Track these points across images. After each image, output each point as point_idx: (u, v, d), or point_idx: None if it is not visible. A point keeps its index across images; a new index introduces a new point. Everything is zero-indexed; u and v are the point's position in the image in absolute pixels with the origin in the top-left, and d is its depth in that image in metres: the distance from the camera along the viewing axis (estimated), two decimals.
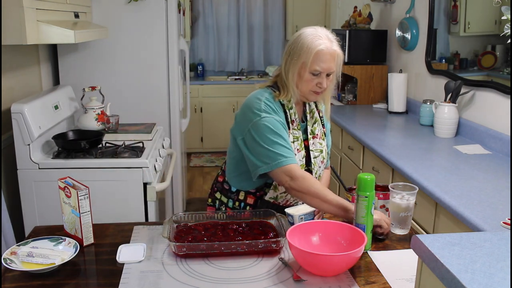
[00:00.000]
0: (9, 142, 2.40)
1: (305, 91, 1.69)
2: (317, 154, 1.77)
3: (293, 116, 1.73)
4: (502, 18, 2.26)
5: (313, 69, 1.63)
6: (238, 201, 1.82)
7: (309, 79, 1.66)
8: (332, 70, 1.66)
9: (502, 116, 2.48)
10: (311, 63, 1.63)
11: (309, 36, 1.65)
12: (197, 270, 1.38)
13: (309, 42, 1.63)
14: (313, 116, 1.81)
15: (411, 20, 3.47)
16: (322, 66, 1.63)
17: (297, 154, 1.70)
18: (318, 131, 1.80)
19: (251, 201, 1.80)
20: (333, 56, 1.65)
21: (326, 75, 1.66)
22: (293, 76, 1.67)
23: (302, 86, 1.68)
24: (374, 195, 1.51)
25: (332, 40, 1.66)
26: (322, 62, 1.63)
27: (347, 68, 3.86)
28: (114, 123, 2.75)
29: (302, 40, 1.65)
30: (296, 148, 1.70)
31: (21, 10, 1.99)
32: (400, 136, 2.97)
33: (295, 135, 1.72)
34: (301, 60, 1.64)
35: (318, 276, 1.34)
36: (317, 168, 1.78)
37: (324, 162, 1.84)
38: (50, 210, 2.30)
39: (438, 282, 0.89)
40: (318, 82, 1.66)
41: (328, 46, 1.64)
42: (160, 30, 3.16)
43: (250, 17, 6.09)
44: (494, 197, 1.84)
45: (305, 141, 1.76)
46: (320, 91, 1.68)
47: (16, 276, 1.36)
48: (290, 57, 1.68)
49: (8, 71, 2.50)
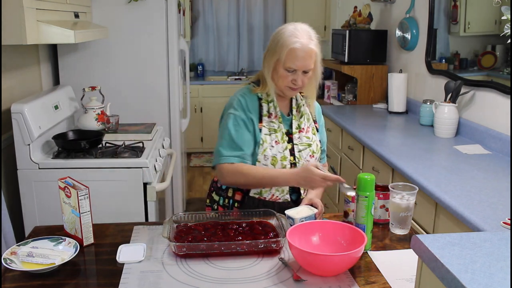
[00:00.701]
0: (9, 142, 2.40)
1: (281, 87, 1.75)
2: (303, 148, 1.80)
3: (272, 109, 1.78)
4: (502, 18, 2.26)
5: (287, 66, 1.69)
6: (227, 198, 1.86)
7: (284, 75, 1.71)
8: (308, 67, 1.70)
9: (502, 116, 2.48)
10: (284, 60, 1.68)
11: (286, 33, 1.69)
12: (197, 270, 1.38)
13: (285, 39, 1.68)
14: (300, 111, 1.84)
15: (411, 20, 3.47)
16: (296, 64, 1.68)
17: (275, 145, 1.75)
18: (305, 126, 1.83)
19: (238, 198, 1.84)
20: (309, 54, 1.68)
21: (303, 72, 1.70)
22: (269, 70, 1.74)
23: (278, 81, 1.74)
24: (374, 195, 1.51)
25: (311, 38, 1.70)
26: (297, 59, 1.67)
27: (347, 68, 3.86)
28: (114, 123, 2.75)
29: (279, 36, 1.71)
30: (274, 140, 1.75)
31: (21, 10, 1.99)
32: (400, 136, 2.97)
33: (272, 127, 1.77)
34: (276, 56, 1.70)
35: (318, 276, 1.34)
36: (304, 161, 1.79)
37: (316, 157, 1.85)
38: (50, 210, 2.30)
39: (438, 282, 0.89)
40: (293, 79, 1.71)
41: (304, 44, 1.67)
42: (160, 30, 3.16)
43: (250, 17, 6.09)
44: (494, 197, 1.84)
45: (290, 135, 1.79)
46: (296, 87, 1.73)
47: (16, 276, 1.36)
48: (268, 52, 1.75)
49: (8, 71, 2.50)
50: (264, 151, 1.74)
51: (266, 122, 1.76)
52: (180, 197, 3.54)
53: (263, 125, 1.76)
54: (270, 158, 1.74)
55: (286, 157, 1.75)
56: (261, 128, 1.75)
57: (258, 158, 1.75)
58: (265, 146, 1.74)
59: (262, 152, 1.74)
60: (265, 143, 1.74)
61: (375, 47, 3.88)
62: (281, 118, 1.78)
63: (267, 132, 1.75)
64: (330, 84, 4.45)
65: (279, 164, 1.74)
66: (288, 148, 1.76)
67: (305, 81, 1.73)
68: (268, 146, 1.74)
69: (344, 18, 4.76)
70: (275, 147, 1.74)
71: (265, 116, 1.77)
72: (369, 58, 3.88)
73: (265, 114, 1.77)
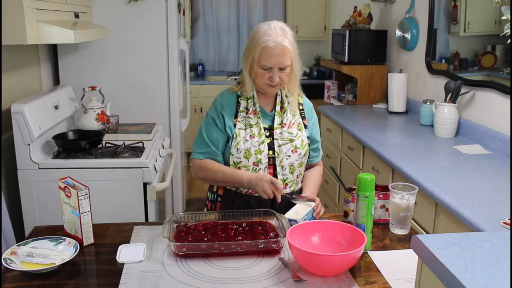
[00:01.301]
0: (9, 142, 2.40)
1: (260, 84, 1.79)
2: (283, 143, 1.82)
3: (250, 105, 1.83)
4: (502, 18, 2.26)
5: (261, 64, 1.73)
6: (213, 193, 1.92)
7: (260, 73, 1.75)
8: (283, 64, 1.73)
9: (502, 116, 2.48)
10: (259, 58, 1.72)
11: (260, 32, 1.74)
12: (197, 270, 1.38)
13: (258, 38, 1.72)
14: (284, 107, 1.86)
15: (411, 20, 3.47)
16: (271, 61, 1.71)
17: (250, 139, 1.79)
18: (288, 121, 1.85)
19: (221, 192, 1.89)
20: (283, 51, 1.71)
21: (279, 69, 1.74)
22: (246, 69, 1.79)
23: (256, 80, 1.78)
24: (374, 195, 1.51)
25: (285, 35, 1.73)
26: (271, 57, 1.71)
27: (347, 68, 3.86)
28: (114, 123, 2.75)
29: (254, 35, 1.76)
30: (249, 134, 1.80)
31: (21, 10, 1.99)
32: (400, 136, 2.97)
33: (248, 122, 1.81)
34: (251, 55, 1.75)
35: (318, 276, 1.34)
36: (284, 156, 1.81)
37: (300, 153, 1.84)
38: (50, 210, 2.30)
39: (438, 282, 0.89)
40: (269, 76, 1.75)
41: (277, 41, 1.70)
42: (160, 30, 3.16)
43: (250, 17, 6.09)
44: (494, 197, 1.84)
45: (272, 130, 1.83)
46: (273, 84, 1.76)
47: (16, 276, 1.36)
48: (245, 52, 1.79)
49: (8, 71, 2.50)
50: (237, 144, 1.78)
51: (242, 117, 1.82)
52: (180, 197, 3.54)
53: (238, 120, 1.81)
54: (243, 152, 1.78)
55: (262, 151, 1.78)
56: (236, 123, 1.81)
57: (231, 151, 1.79)
58: (238, 140, 1.79)
59: (235, 145, 1.79)
60: (239, 137, 1.79)
61: (375, 47, 3.88)
62: (260, 114, 1.83)
63: (241, 127, 1.81)
64: (330, 84, 4.45)
65: (253, 158, 1.78)
66: (265, 142, 1.80)
67: (283, 77, 1.76)
68: (241, 140, 1.79)
69: (344, 18, 4.76)
70: (249, 141, 1.79)
71: (241, 112, 1.83)
72: (369, 58, 3.88)
73: (241, 110, 1.83)
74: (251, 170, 1.79)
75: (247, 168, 1.79)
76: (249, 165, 1.78)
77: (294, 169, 1.84)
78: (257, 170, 1.79)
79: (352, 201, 1.67)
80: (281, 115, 1.86)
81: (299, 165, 1.86)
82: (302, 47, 7.20)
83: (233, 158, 1.80)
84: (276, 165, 1.81)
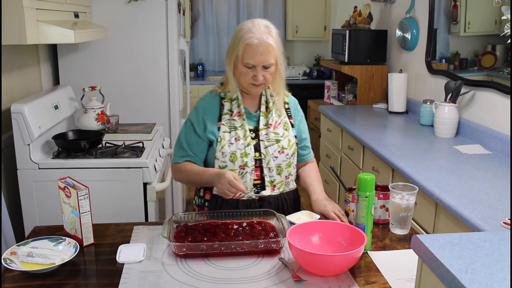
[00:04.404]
0: (9, 142, 2.40)
1: (244, 84, 1.75)
2: (269, 144, 1.77)
3: (234, 107, 1.79)
4: (502, 18, 2.26)
5: (245, 62, 1.69)
6: (200, 198, 1.88)
7: (244, 72, 1.71)
8: (267, 62, 1.69)
9: (502, 116, 2.48)
10: (242, 56, 1.68)
11: (244, 29, 1.70)
12: (197, 270, 1.38)
13: (242, 36, 1.69)
14: (269, 107, 1.82)
15: (411, 20, 3.47)
16: (255, 59, 1.67)
17: (235, 142, 1.75)
18: (273, 121, 1.81)
19: (208, 197, 1.85)
20: (266, 49, 1.67)
21: (263, 67, 1.69)
22: (230, 69, 1.75)
23: (240, 79, 1.74)
24: (374, 195, 1.51)
25: (269, 33, 1.70)
26: (254, 55, 1.67)
27: (347, 68, 3.86)
28: (114, 123, 2.75)
29: (237, 33, 1.72)
30: (234, 137, 1.75)
31: (21, 10, 1.99)
32: (400, 136, 2.97)
33: (233, 125, 1.77)
34: (235, 53, 1.71)
35: (318, 276, 1.34)
36: (271, 157, 1.77)
37: (288, 153, 1.80)
38: (50, 210, 2.30)
39: (438, 282, 0.89)
40: (253, 75, 1.71)
41: (261, 39, 1.67)
42: (160, 30, 3.16)
43: (250, 17, 5.97)
44: (494, 197, 1.84)
45: (257, 131, 1.79)
46: (258, 83, 1.72)
47: (16, 276, 1.36)
48: (228, 50, 1.76)
49: (8, 71, 2.50)
50: (222, 148, 1.74)
51: (226, 120, 1.78)
52: (180, 197, 3.54)
53: (222, 123, 1.77)
54: (228, 155, 1.73)
55: (247, 153, 1.74)
56: (220, 127, 1.77)
57: (216, 156, 1.75)
58: (223, 143, 1.74)
59: (220, 149, 1.74)
60: (223, 140, 1.75)
61: (375, 47, 3.88)
62: (244, 115, 1.78)
63: (226, 130, 1.76)
64: (330, 84, 4.45)
65: (239, 161, 1.73)
66: (251, 145, 1.75)
67: (267, 76, 1.72)
68: (226, 143, 1.74)
69: (344, 18, 4.76)
70: (235, 144, 1.74)
71: (225, 114, 1.79)
72: (369, 58, 3.88)
73: (225, 113, 1.79)
74: (238, 173, 1.73)
75: (233, 171, 1.72)
76: (235, 169, 1.74)
77: (282, 170, 1.80)
78: (243, 173, 1.75)
79: (352, 201, 1.67)
80: (267, 115, 1.81)
81: (287, 166, 1.81)
82: (302, 47, 7.19)
83: (219, 162, 1.75)
84: (263, 167, 1.76)
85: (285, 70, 1.79)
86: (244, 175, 1.75)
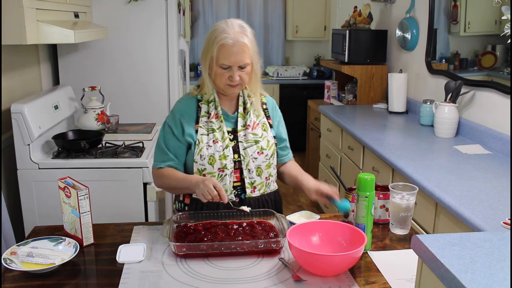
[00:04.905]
0: (9, 142, 2.40)
1: (220, 85, 1.72)
2: (248, 145, 1.75)
3: (212, 109, 1.76)
4: (502, 18, 2.26)
5: (220, 62, 1.66)
6: (180, 202, 1.83)
7: (219, 73, 1.68)
8: (242, 62, 1.67)
9: (502, 116, 2.48)
10: (217, 57, 1.66)
11: (218, 29, 1.68)
12: (197, 270, 1.38)
13: (216, 36, 1.66)
14: (247, 108, 1.80)
15: (411, 20, 3.47)
16: (230, 60, 1.65)
17: (213, 145, 1.72)
18: (252, 122, 1.78)
19: (188, 201, 1.80)
20: (241, 48, 1.65)
21: (239, 68, 1.67)
22: (206, 70, 1.72)
23: (216, 80, 1.71)
24: (374, 195, 1.51)
25: (244, 32, 1.68)
26: (229, 55, 1.64)
27: (347, 68, 3.86)
28: (114, 123, 2.75)
29: (211, 34, 1.69)
30: (212, 140, 1.72)
31: (21, 10, 1.99)
32: (400, 136, 2.97)
33: (211, 127, 1.74)
34: (210, 54, 1.68)
35: (318, 276, 1.34)
36: (250, 159, 1.74)
37: (267, 154, 1.78)
38: (50, 210, 2.30)
39: (438, 282, 0.89)
40: (229, 76, 1.68)
41: (236, 38, 1.64)
42: (160, 30, 3.16)
43: (250, 17, 6.09)
44: (494, 197, 1.84)
45: (236, 133, 1.77)
46: (234, 84, 1.70)
47: (16, 276, 1.36)
48: (203, 52, 1.73)
49: (8, 71, 2.50)
50: (200, 151, 1.71)
51: (204, 122, 1.75)
52: None
53: (199, 126, 1.74)
54: (207, 158, 1.70)
55: (226, 155, 1.71)
56: (198, 129, 1.74)
57: (195, 159, 1.72)
58: (201, 146, 1.71)
59: (198, 152, 1.71)
60: (201, 143, 1.71)
61: (375, 47, 3.88)
62: (222, 117, 1.76)
63: (204, 132, 1.73)
64: (330, 84, 4.45)
65: (218, 163, 1.70)
66: (230, 146, 1.73)
67: (243, 77, 1.69)
68: (204, 146, 1.71)
69: (344, 18, 4.76)
70: (213, 146, 1.71)
71: (203, 117, 1.75)
72: (369, 58, 3.88)
73: (203, 115, 1.76)
74: (217, 176, 1.70)
75: (212, 174, 1.70)
76: (214, 172, 1.70)
77: (262, 171, 1.77)
78: (223, 176, 1.71)
79: (352, 201, 1.67)
80: (244, 116, 1.79)
81: (267, 167, 1.78)
82: (302, 47, 7.18)
83: (197, 165, 1.72)
84: (242, 169, 1.73)
85: (260, 69, 1.77)
86: (223, 177, 1.71)
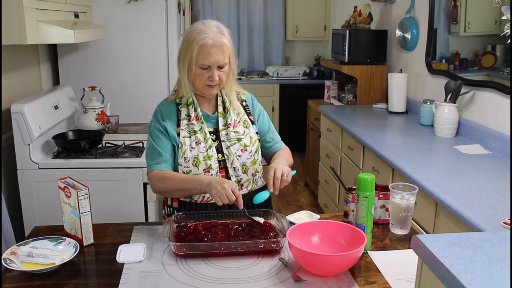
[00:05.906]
0: (9, 142, 2.40)
1: (199, 87, 1.72)
2: (231, 144, 1.75)
3: (192, 112, 1.76)
4: (502, 18, 2.26)
5: (200, 63, 1.66)
6: (168, 207, 1.83)
7: (199, 74, 1.68)
8: (222, 62, 1.68)
9: (502, 116, 2.48)
10: (197, 57, 1.66)
11: (195, 30, 1.67)
12: (197, 270, 1.38)
13: (194, 37, 1.66)
14: (226, 107, 1.80)
15: (411, 20, 3.47)
16: (210, 60, 1.65)
17: (196, 146, 1.72)
18: (233, 120, 1.79)
19: (176, 205, 1.80)
20: (220, 48, 1.66)
21: (218, 68, 1.68)
22: (184, 72, 1.71)
23: (195, 82, 1.71)
24: (374, 195, 1.51)
25: (221, 32, 1.68)
26: (209, 55, 1.65)
27: (347, 68, 3.86)
28: (114, 123, 2.75)
29: (189, 34, 1.69)
30: (194, 141, 1.72)
31: (21, 10, 1.99)
32: (400, 136, 2.97)
33: (192, 129, 1.74)
34: (188, 55, 1.67)
35: (318, 276, 1.34)
36: (234, 157, 1.75)
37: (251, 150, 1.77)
38: (50, 210, 2.30)
39: (438, 282, 0.89)
40: (209, 76, 1.68)
41: (214, 38, 1.65)
42: (160, 30, 3.16)
43: (250, 17, 6.09)
44: (494, 197, 1.84)
45: (218, 133, 1.77)
46: (213, 84, 1.71)
47: (16, 276, 1.36)
48: (181, 53, 1.72)
49: (8, 71, 2.50)
50: (183, 153, 1.71)
51: (185, 125, 1.75)
52: None
53: (181, 129, 1.75)
54: (191, 160, 1.70)
55: (210, 156, 1.71)
56: (179, 132, 1.74)
57: (179, 162, 1.72)
58: (184, 149, 1.71)
59: (182, 155, 1.71)
60: (184, 146, 1.72)
61: (375, 47, 3.88)
62: (202, 118, 1.76)
63: (186, 135, 1.73)
64: (330, 84, 4.45)
65: (203, 164, 1.70)
66: (213, 147, 1.73)
67: (222, 76, 1.70)
68: (187, 148, 1.71)
69: (344, 18, 4.76)
70: (196, 148, 1.72)
71: (183, 119, 1.76)
72: (369, 58, 3.88)
73: (183, 118, 1.76)
74: None
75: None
76: (199, 173, 1.70)
77: (248, 168, 1.77)
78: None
79: (352, 201, 1.67)
80: (225, 116, 1.79)
81: (252, 163, 1.78)
82: (302, 47, 7.19)
83: (182, 168, 1.72)
84: (227, 168, 1.74)
85: (237, 69, 1.78)
86: None
